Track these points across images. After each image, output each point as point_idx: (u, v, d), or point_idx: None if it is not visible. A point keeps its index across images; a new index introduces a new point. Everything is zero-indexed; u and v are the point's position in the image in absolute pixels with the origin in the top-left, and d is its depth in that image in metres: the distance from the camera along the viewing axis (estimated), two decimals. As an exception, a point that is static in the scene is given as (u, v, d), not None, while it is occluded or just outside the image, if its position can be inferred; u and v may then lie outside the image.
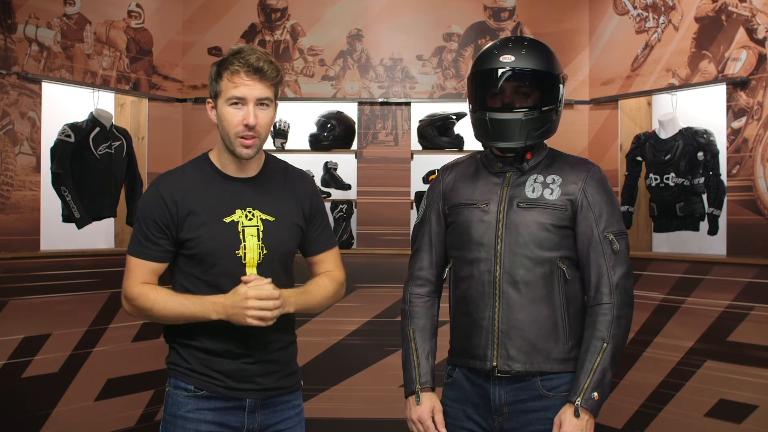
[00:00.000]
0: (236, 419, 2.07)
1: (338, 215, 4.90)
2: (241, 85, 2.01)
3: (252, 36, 4.92)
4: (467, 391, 2.16)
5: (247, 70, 2.00)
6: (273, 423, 2.12)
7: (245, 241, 2.05)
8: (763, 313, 3.82)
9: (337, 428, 4.75)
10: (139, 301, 2.05)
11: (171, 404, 2.09)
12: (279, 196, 2.14)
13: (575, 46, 4.90)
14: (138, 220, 2.09)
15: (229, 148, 2.07)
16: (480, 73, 2.15)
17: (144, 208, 2.08)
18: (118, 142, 4.50)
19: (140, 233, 2.07)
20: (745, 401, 3.87)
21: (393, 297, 4.78)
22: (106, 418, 4.38)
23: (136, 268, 2.07)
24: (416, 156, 4.95)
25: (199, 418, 2.05)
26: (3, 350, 3.93)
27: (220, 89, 2.03)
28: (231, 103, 2.02)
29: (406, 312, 2.24)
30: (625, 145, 4.62)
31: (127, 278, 2.08)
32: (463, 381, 2.17)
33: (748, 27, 3.93)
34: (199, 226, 2.04)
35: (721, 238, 4.13)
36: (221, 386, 2.06)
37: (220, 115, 2.05)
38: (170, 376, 2.12)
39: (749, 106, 3.91)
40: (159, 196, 2.06)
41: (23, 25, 4.08)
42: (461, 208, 2.16)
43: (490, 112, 2.10)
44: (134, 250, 2.08)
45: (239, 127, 2.02)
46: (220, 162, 2.11)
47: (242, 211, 2.07)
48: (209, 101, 2.09)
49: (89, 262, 4.36)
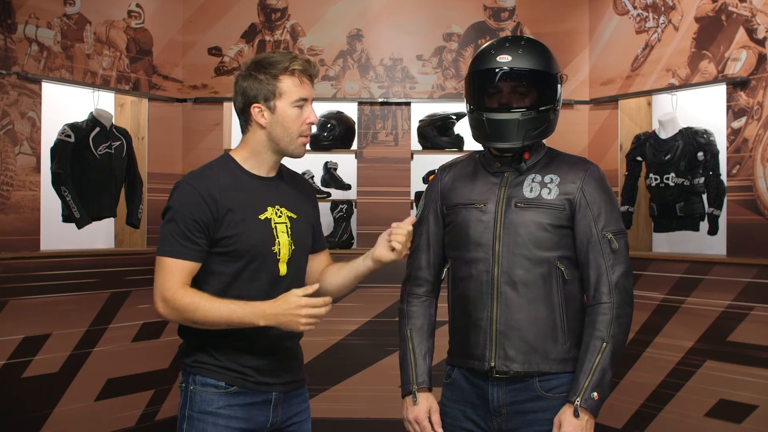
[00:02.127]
0: (263, 414, 2.12)
1: (338, 215, 4.90)
2: (305, 86, 2.10)
3: (252, 36, 4.93)
4: (466, 392, 2.15)
5: (307, 72, 2.10)
6: (290, 416, 2.19)
7: (278, 237, 2.11)
8: (763, 313, 3.82)
9: (337, 428, 4.75)
10: (180, 303, 2.00)
11: (199, 401, 2.08)
12: (296, 196, 2.22)
13: (575, 46, 4.90)
14: (173, 220, 2.04)
15: (285, 148, 2.12)
16: (477, 74, 2.14)
17: (182, 206, 2.04)
18: (118, 142, 4.50)
19: (177, 233, 2.03)
20: (745, 401, 3.87)
21: (393, 297, 4.78)
22: (106, 418, 4.38)
23: (175, 269, 2.02)
24: (416, 156, 4.95)
25: (230, 414, 2.07)
26: (3, 350, 3.93)
27: (280, 90, 2.08)
28: (297, 104, 2.09)
29: (403, 312, 2.24)
30: (625, 145, 4.62)
31: (165, 279, 2.02)
32: (462, 381, 2.16)
33: (748, 27, 3.93)
34: (237, 224, 2.06)
35: (721, 238, 4.13)
36: (251, 381, 2.09)
37: (282, 116, 2.09)
38: (195, 373, 2.10)
39: (749, 106, 3.91)
40: (198, 194, 2.04)
41: (23, 25, 4.08)
42: (459, 208, 2.16)
43: (487, 113, 2.09)
44: (171, 250, 2.03)
45: (304, 126, 2.12)
46: (250, 162, 2.14)
47: (272, 208, 2.13)
48: (257, 105, 2.09)
49: (89, 262, 4.36)
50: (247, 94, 2.10)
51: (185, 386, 2.12)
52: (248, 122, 2.13)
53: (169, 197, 2.09)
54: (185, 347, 2.15)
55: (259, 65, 2.10)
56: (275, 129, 2.10)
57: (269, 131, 2.11)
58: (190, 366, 2.11)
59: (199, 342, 2.10)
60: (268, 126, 2.10)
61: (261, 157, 2.14)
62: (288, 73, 2.08)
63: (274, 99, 2.08)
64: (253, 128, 2.12)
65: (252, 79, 2.09)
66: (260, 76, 2.08)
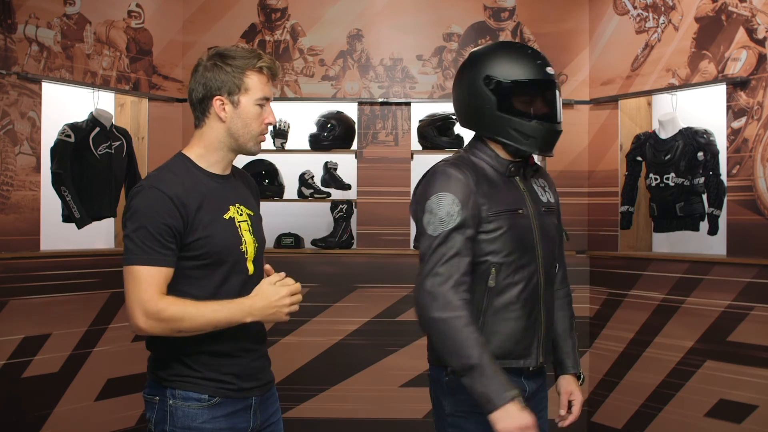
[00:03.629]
0: (244, 421, 2.07)
1: (338, 215, 4.90)
2: (268, 85, 2.07)
3: (252, 36, 4.93)
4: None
5: (272, 71, 2.06)
6: (267, 417, 2.15)
7: (243, 236, 2.07)
8: (763, 313, 3.82)
9: (337, 428, 4.75)
10: (166, 314, 1.90)
11: (181, 417, 2.00)
12: (248, 193, 2.19)
13: (575, 46, 4.90)
14: (143, 227, 1.92)
15: (242, 145, 2.07)
16: (539, 83, 2.14)
17: (151, 211, 1.93)
18: (118, 142, 4.50)
19: (148, 240, 1.92)
20: (745, 401, 3.87)
21: (393, 297, 4.78)
22: (106, 418, 4.38)
23: (151, 278, 1.91)
24: (416, 156, 4.95)
25: (215, 427, 2.01)
26: (3, 350, 3.93)
27: (246, 86, 2.02)
28: (259, 102, 2.05)
29: (463, 319, 2.01)
30: (625, 145, 4.62)
31: (143, 290, 1.91)
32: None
33: (748, 27, 3.93)
34: (207, 225, 2.00)
35: (721, 238, 4.13)
36: (232, 389, 2.04)
37: (244, 113, 2.04)
38: (174, 388, 2.00)
39: (749, 106, 3.91)
40: (167, 198, 1.95)
41: (23, 25, 4.08)
42: (507, 214, 2.12)
43: (552, 123, 2.16)
44: (145, 258, 1.92)
45: (262, 126, 2.07)
46: (206, 160, 2.07)
47: (233, 207, 2.08)
48: (220, 98, 2.02)
49: (89, 262, 4.36)
50: (209, 85, 2.03)
51: (161, 400, 2.02)
52: (205, 114, 2.05)
53: (130, 202, 1.98)
54: (157, 359, 2.05)
55: (225, 57, 2.03)
56: (235, 124, 2.03)
57: (228, 126, 2.03)
58: (166, 380, 2.02)
59: (174, 353, 2.01)
60: (228, 120, 2.03)
61: (217, 153, 2.07)
62: (256, 69, 2.03)
63: (239, 93, 2.02)
64: (211, 122, 2.05)
65: (217, 69, 2.02)
66: (227, 68, 2.02)
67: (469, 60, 2.23)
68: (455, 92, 2.25)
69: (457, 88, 2.23)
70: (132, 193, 2.00)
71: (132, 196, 1.99)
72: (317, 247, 4.87)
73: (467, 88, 2.18)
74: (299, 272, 5.12)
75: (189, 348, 2.00)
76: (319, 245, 4.86)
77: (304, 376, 4.71)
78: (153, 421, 2.03)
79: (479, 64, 2.18)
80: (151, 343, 2.07)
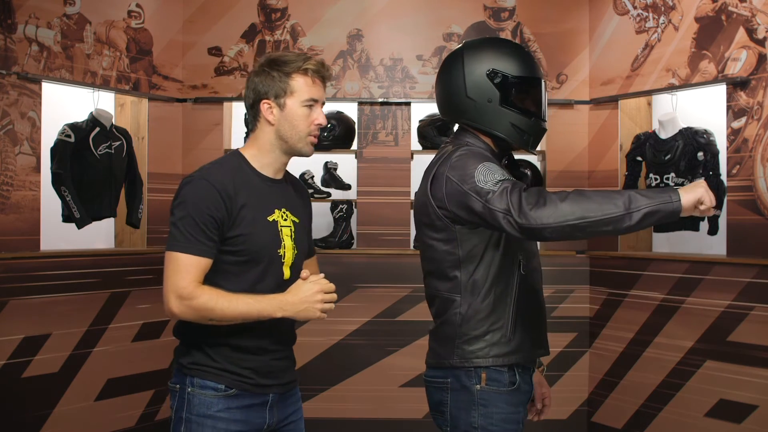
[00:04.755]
0: (260, 416, 2.11)
1: (338, 215, 4.90)
2: (317, 87, 2.10)
3: (252, 36, 4.93)
4: (527, 392, 2.18)
5: (320, 74, 2.10)
6: (285, 416, 2.18)
7: (284, 241, 2.11)
8: (763, 313, 3.82)
9: (337, 428, 4.75)
10: (199, 301, 1.97)
11: (198, 404, 2.05)
12: (298, 200, 2.23)
13: (575, 46, 4.90)
14: (188, 215, 1.99)
15: (293, 147, 2.11)
16: (537, 81, 2.18)
17: (198, 201, 1.99)
18: (118, 142, 4.50)
19: (192, 228, 1.98)
20: (745, 401, 3.87)
21: (393, 297, 4.78)
22: (106, 418, 4.38)
23: (190, 265, 1.97)
24: (416, 156, 4.95)
25: (229, 417, 2.06)
26: (3, 350, 3.93)
27: (291, 89, 2.07)
28: (306, 104, 2.09)
29: (568, 193, 1.91)
30: (625, 145, 4.62)
31: (180, 277, 1.97)
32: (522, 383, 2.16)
33: (748, 27, 3.93)
34: (249, 223, 2.05)
35: (721, 238, 4.13)
36: (250, 383, 2.08)
37: (291, 115, 2.08)
38: (193, 376, 2.07)
39: (749, 106, 3.91)
40: (214, 189, 2.00)
41: (23, 25, 4.08)
42: None
43: (543, 122, 2.19)
44: (186, 246, 1.98)
45: (312, 127, 2.11)
46: (259, 161, 2.13)
47: (279, 211, 2.12)
48: (267, 101, 2.08)
49: (89, 262, 4.36)
50: (258, 90, 2.09)
51: (181, 388, 2.09)
52: (257, 118, 2.12)
53: (180, 191, 2.04)
54: (182, 348, 2.13)
55: (273, 62, 2.09)
56: (283, 126, 2.09)
57: (277, 128, 2.09)
58: (187, 368, 2.08)
59: (197, 343, 2.08)
60: (277, 123, 2.09)
61: (270, 155, 2.13)
62: (301, 72, 2.08)
63: (285, 96, 2.08)
64: (262, 125, 2.11)
65: (265, 75, 2.09)
66: (273, 72, 2.08)
67: (465, 52, 2.18)
68: (444, 84, 2.21)
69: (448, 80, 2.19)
70: (183, 183, 2.07)
71: (182, 186, 2.06)
72: (317, 247, 4.87)
73: (465, 79, 2.15)
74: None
75: (212, 339, 2.06)
76: (319, 245, 4.86)
77: (304, 376, 4.67)
78: (174, 408, 2.10)
79: (480, 56, 2.15)
80: (177, 331, 2.13)
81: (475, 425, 2.09)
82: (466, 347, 2.10)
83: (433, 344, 2.20)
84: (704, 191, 1.87)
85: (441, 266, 2.14)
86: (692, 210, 1.88)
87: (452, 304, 2.12)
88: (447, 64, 2.21)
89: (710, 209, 1.89)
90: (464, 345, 2.11)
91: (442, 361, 2.15)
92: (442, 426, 2.17)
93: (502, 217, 1.91)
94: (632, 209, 1.85)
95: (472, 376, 2.10)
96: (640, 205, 1.85)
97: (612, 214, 1.85)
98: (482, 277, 2.10)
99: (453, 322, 2.12)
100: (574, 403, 4.75)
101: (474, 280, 2.10)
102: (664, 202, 1.85)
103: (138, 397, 4.54)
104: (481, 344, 2.10)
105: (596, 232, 1.88)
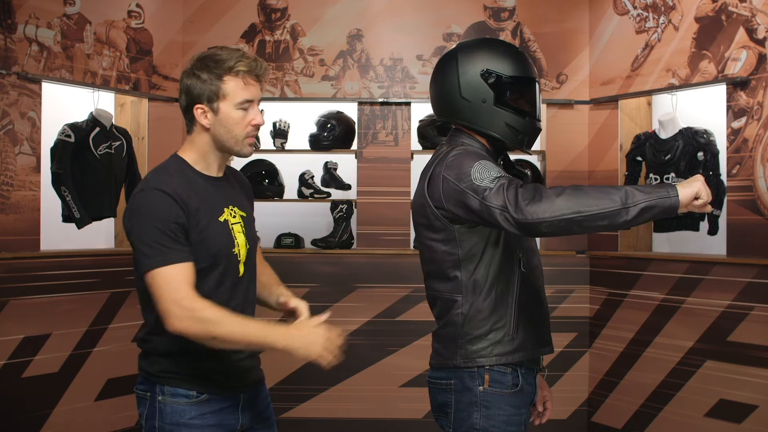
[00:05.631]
0: (233, 417, 2.09)
1: (338, 215, 4.90)
2: (250, 87, 2.01)
3: (252, 36, 4.93)
4: (530, 393, 2.17)
5: (253, 72, 2.01)
6: (259, 412, 2.17)
7: (236, 239, 2.07)
8: (763, 313, 3.82)
9: (337, 428, 4.75)
10: (204, 314, 1.88)
11: (170, 413, 2.02)
12: (242, 193, 2.19)
13: (575, 46, 4.90)
14: (154, 228, 1.91)
15: (230, 149, 2.05)
16: (533, 81, 2.18)
17: (159, 212, 1.92)
18: (118, 142, 4.50)
19: (162, 239, 1.90)
20: (745, 401, 3.87)
21: (393, 297, 4.78)
22: (106, 418, 4.38)
23: (180, 275, 1.89)
24: (416, 156, 4.95)
25: (203, 423, 2.03)
26: (3, 350, 3.93)
27: (223, 92, 1.99)
28: (241, 107, 2.01)
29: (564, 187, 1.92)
30: (625, 145, 4.62)
31: (175, 289, 1.88)
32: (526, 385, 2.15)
33: (748, 27, 3.93)
34: (203, 228, 2.00)
35: (721, 238, 4.13)
36: (220, 386, 2.06)
37: (225, 118, 2.00)
38: (163, 384, 2.03)
39: (749, 106, 3.91)
40: (170, 198, 1.94)
41: (23, 25, 4.08)
42: None
43: (537, 122, 2.19)
44: (167, 258, 1.90)
45: (248, 128, 2.03)
46: (201, 164, 2.06)
47: (227, 209, 2.08)
48: (200, 107, 2.00)
49: (89, 262, 4.36)
50: (190, 93, 2.01)
51: (151, 396, 2.04)
52: (192, 122, 2.04)
53: (134, 206, 1.96)
54: (147, 356, 2.08)
55: (203, 64, 2.00)
56: (219, 131, 2.01)
57: (213, 133, 2.02)
58: (156, 376, 2.04)
59: (164, 350, 2.04)
60: (212, 128, 2.01)
61: (209, 157, 2.07)
62: (233, 74, 1.99)
63: (218, 101, 1.99)
64: (198, 129, 2.04)
65: (195, 77, 2.00)
66: (203, 75, 1.99)
67: (459, 52, 2.19)
68: (438, 84, 2.20)
69: (442, 81, 2.19)
70: (133, 198, 1.98)
71: (134, 200, 1.97)
72: (317, 247, 4.87)
73: (459, 80, 2.15)
74: (299, 272, 5.14)
75: (179, 347, 2.00)
76: (319, 245, 4.86)
77: (304, 376, 4.70)
78: (144, 416, 2.06)
79: (474, 57, 2.16)
80: (142, 340, 2.10)
81: (477, 427, 2.09)
82: (469, 347, 2.10)
83: (437, 345, 2.19)
84: (701, 186, 1.87)
85: (441, 267, 2.14)
86: (690, 205, 1.88)
87: (454, 305, 2.12)
88: (441, 65, 2.21)
89: (707, 204, 1.89)
90: (467, 345, 2.10)
91: (445, 362, 2.14)
92: (445, 427, 2.16)
93: (498, 214, 1.91)
94: (629, 204, 1.85)
95: (475, 377, 2.10)
96: (637, 200, 1.85)
97: (608, 208, 1.85)
98: (483, 276, 2.10)
99: (455, 323, 2.12)
100: (574, 403, 4.75)
101: (475, 280, 2.10)
102: (662, 197, 1.85)
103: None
104: (484, 343, 2.09)
105: (593, 226, 1.88)
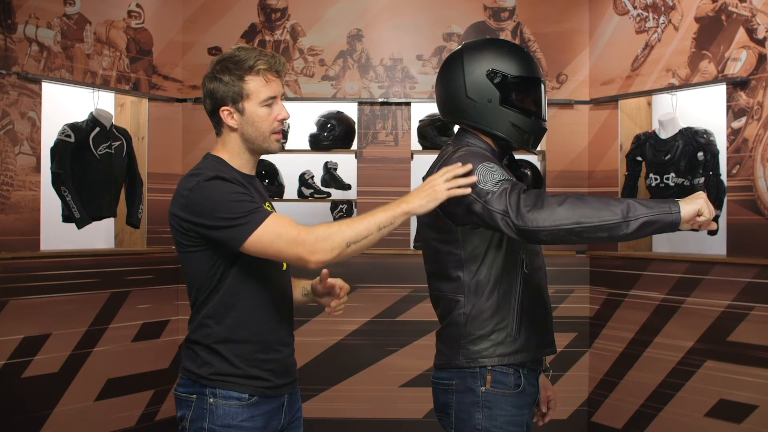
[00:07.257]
0: (277, 419, 2.11)
1: (338, 215, 4.90)
2: (272, 83, 2.06)
3: (252, 36, 4.93)
4: (532, 394, 2.17)
5: (272, 69, 2.05)
6: (292, 414, 2.18)
7: None
8: (763, 313, 3.82)
9: (337, 428, 4.75)
10: (321, 231, 1.91)
11: (222, 415, 2.02)
12: (265, 191, 2.24)
13: (575, 46, 4.90)
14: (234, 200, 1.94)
15: (260, 147, 2.09)
16: (539, 81, 2.19)
17: (228, 189, 1.96)
18: (118, 142, 4.50)
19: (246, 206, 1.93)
20: (745, 401, 3.87)
21: (393, 297, 4.78)
22: (106, 418, 4.38)
23: (279, 221, 1.93)
24: (416, 156, 4.95)
25: (253, 426, 2.05)
26: (3, 350, 3.93)
27: (247, 92, 2.04)
28: (266, 104, 2.05)
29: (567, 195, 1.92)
30: (625, 145, 4.62)
31: (288, 232, 1.91)
32: (527, 385, 2.15)
33: (748, 27, 3.93)
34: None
35: (721, 238, 4.13)
36: (269, 386, 2.08)
37: (252, 117, 2.05)
38: (215, 387, 2.03)
39: (749, 106, 3.91)
40: (229, 182, 1.98)
41: (23, 25, 4.08)
42: None
43: (543, 121, 2.19)
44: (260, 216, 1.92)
45: (275, 123, 2.08)
46: (236, 161, 2.11)
47: (267, 203, 2.12)
48: (226, 108, 2.05)
49: (89, 262, 4.36)
50: (214, 97, 2.07)
51: (198, 398, 2.04)
52: (220, 125, 2.10)
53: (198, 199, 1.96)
54: (196, 356, 2.07)
55: (223, 66, 2.06)
56: (247, 130, 2.07)
57: (241, 132, 2.07)
58: (207, 378, 2.04)
59: (217, 348, 2.04)
60: (240, 127, 2.07)
61: (242, 157, 2.11)
62: (253, 72, 2.04)
63: (242, 101, 2.04)
64: (226, 131, 2.09)
65: (217, 81, 2.06)
66: (225, 77, 2.04)
67: (465, 53, 2.18)
68: (444, 84, 2.21)
69: (448, 81, 2.19)
70: (192, 192, 1.98)
71: (196, 193, 1.97)
72: (317, 247, 4.87)
73: (464, 80, 2.15)
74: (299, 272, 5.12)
75: (230, 337, 2.03)
76: (319, 245, 4.86)
77: (304, 376, 4.65)
78: (189, 418, 2.05)
79: (480, 57, 2.15)
80: (191, 340, 2.08)
81: (479, 427, 2.09)
82: (471, 347, 2.10)
83: (440, 345, 2.19)
84: (704, 203, 1.88)
85: (444, 267, 2.14)
86: (691, 221, 1.88)
87: (456, 305, 2.12)
88: (447, 65, 2.21)
89: (709, 222, 1.89)
90: (469, 345, 2.11)
91: (448, 362, 2.15)
92: (447, 428, 2.17)
93: (500, 219, 1.92)
94: (630, 218, 1.85)
95: (477, 377, 2.10)
96: (638, 213, 1.85)
97: (609, 221, 1.85)
98: (485, 277, 2.10)
99: (458, 323, 2.12)
100: (574, 403, 4.75)
101: (477, 280, 2.10)
102: (664, 213, 1.86)
103: (138, 397, 4.54)
104: (486, 344, 2.10)
105: (592, 237, 1.88)
